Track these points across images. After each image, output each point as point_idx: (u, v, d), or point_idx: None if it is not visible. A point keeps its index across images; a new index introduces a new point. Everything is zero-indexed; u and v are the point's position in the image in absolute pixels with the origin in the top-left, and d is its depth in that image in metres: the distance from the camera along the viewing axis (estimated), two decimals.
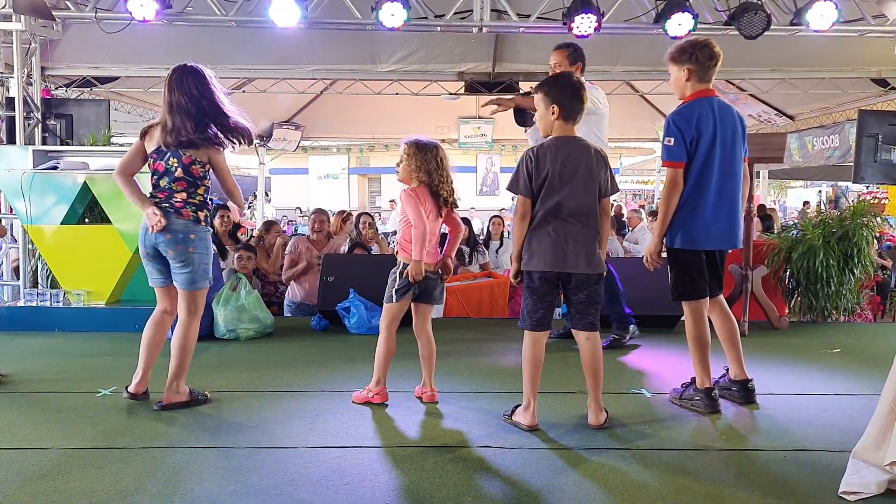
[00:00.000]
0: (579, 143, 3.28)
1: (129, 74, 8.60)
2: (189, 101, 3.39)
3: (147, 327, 3.63)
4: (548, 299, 3.28)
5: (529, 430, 3.26)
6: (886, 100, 9.13)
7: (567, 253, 3.19)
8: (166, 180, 3.47)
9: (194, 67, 3.48)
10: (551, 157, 3.20)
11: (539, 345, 3.29)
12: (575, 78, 3.35)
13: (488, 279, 6.77)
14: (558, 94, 3.25)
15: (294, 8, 5.85)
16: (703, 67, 3.46)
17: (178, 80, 3.42)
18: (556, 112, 3.24)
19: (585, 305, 3.27)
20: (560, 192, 3.18)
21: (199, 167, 3.47)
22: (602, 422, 3.31)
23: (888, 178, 7.08)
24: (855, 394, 3.90)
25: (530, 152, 3.27)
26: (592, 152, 3.26)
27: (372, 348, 3.73)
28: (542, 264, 3.21)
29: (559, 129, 3.27)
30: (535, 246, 3.24)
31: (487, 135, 15.27)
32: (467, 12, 6.27)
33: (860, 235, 5.95)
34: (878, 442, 2.40)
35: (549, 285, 3.27)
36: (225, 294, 5.21)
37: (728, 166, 3.47)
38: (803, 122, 11.57)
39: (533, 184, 3.23)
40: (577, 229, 3.20)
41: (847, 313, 6.21)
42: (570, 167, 3.20)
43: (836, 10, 5.93)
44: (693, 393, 3.62)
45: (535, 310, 3.27)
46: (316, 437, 3.20)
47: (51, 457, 2.95)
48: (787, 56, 8.10)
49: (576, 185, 3.19)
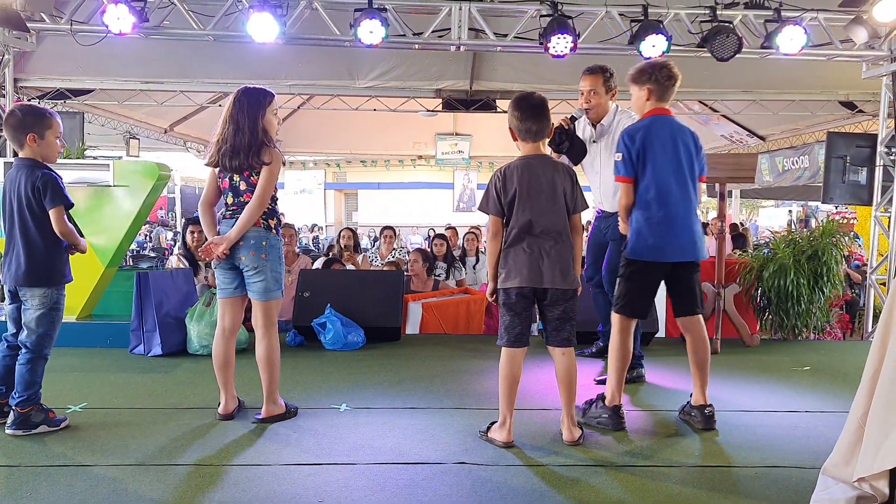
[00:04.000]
0: (545, 160, 3.33)
1: (103, 87, 8.53)
2: (241, 126, 3.45)
3: (214, 348, 3.65)
4: (525, 315, 3.30)
5: (505, 447, 3.26)
6: (854, 122, 9.33)
7: (542, 269, 3.21)
8: (232, 196, 3.53)
9: (247, 90, 3.53)
10: (518, 176, 3.25)
11: (516, 362, 3.30)
12: (534, 97, 3.34)
13: (464, 295, 6.78)
14: (510, 116, 3.33)
15: (272, 23, 5.86)
16: (662, 87, 3.57)
17: (232, 102, 3.50)
18: (511, 134, 3.35)
19: (560, 322, 3.29)
20: (529, 210, 3.23)
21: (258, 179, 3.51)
22: (576, 438, 3.32)
23: (856, 199, 7.22)
24: (825, 411, 3.96)
25: (498, 172, 3.32)
26: (560, 169, 3.32)
27: (347, 364, 3.72)
28: (519, 280, 3.24)
29: (522, 148, 3.34)
30: (511, 263, 3.26)
31: (464, 151, 15.35)
32: (445, 31, 6.32)
33: (829, 254, 6.06)
34: (847, 458, 2.43)
35: (526, 301, 3.28)
36: (199, 309, 5.16)
37: (680, 182, 3.54)
38: (774, 143, 11.79)
39: (502, 202, 3.27)
40: (550, 245, 3.23)
41: (817, 331, 6.31)
42: (536, 184, 3.24)
43: (805, 34, 6.08)
44: (601, 410, 3.62)
45: (513, 325, 3.29)
46: (290, 453, 3.18)
47: (19, 474, 2.89)
48: (758, 78, 8.26)
49: (543, 202, 3.24)
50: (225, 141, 3.48)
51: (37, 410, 3.39)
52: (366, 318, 5.59)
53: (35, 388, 3.38)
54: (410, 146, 15.82)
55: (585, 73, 4.33)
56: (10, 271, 3.40)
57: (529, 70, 8.37)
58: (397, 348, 5.46)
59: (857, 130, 8.89)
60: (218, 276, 3.62)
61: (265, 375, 3.58)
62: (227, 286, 3.60)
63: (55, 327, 3.44)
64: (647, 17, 6.10)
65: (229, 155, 3.46)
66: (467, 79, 8.73)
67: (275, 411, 3.62)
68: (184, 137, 12.13)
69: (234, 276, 3.57)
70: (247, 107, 3.47)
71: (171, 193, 20.11)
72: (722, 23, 6.11)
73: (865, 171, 6.99)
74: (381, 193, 18.93)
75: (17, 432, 3.33)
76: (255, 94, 3.52)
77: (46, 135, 3.43)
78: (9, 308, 3.50)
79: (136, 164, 5.87)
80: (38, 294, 3.37)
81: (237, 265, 3.52)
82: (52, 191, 3.33)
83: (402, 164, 17.62)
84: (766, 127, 11.24)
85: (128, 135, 10.75)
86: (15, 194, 3.39)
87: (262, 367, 3.58)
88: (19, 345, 3.42)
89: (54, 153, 3.52)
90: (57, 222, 3.36)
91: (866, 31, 6.08)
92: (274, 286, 3.55)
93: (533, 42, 6.28)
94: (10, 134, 3.43)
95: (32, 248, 3.37)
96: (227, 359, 3.63)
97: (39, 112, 3.45)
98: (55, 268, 3.43)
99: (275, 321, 3.62)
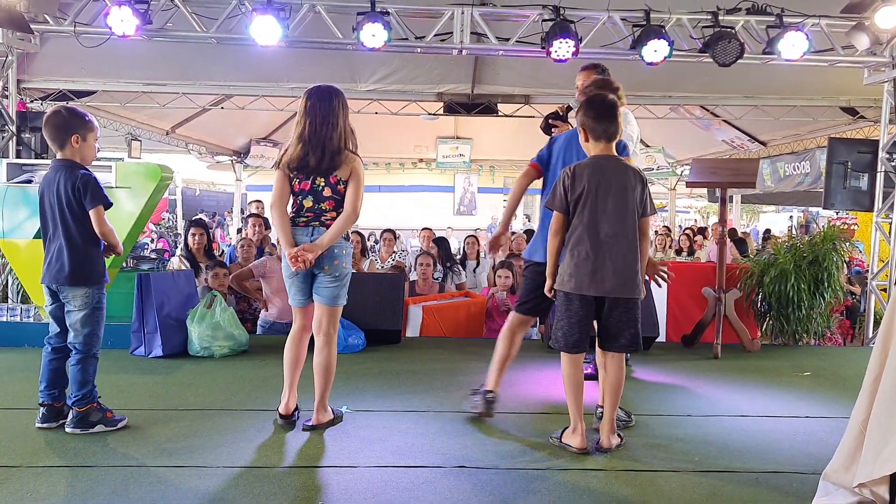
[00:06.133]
0: (616, 161, 3.28)
1: (106, 88, 8.53)
2: (324, 125, 3.38)
3: (287, 347, 3.61)
4: (585, 323, 3.23)
5: (580, 453, 3.23)
6: (855, 128, 9.32)
7: (605, 276, 3.14)
8: (312, 200, 3.44)
9: (328, 90, 3.47)
10: (588, 174, 3.20)
11: (578, 366, 3.27)
12: (607, 98, 3.33)
13: (465, 299, 6.78)
14: (584, 116, 3.28)
15: (275, 26, 5.86)
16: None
17: (312, 103, 3.42)
18: (582, 134, 3.29)
19: (620, 328, 3.22)
20: (597, 210, 3.17)
21: (343, 186, 3.44)
22: (613, 445, 3.29)
23: (857, 205, 7.21)
24: (825, 416, 3.96)
25: (568, 169, 3.26)
26: (629, 171, 3.25)
27: (347, 366, 3.72)
28: (581, 287, 3.17)
29: (593, 148, 3.28)
30: (574, 266, 3.19)
31: (465, 155, 15.33)
32: (447, 34, 6.33)
33: (830, 260, 6.07)
34: (848, 464, 2.43)
35: (587, 308, 3.22)
36: (199, 311, 5.16)
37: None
38: (775, 149, 11.78)
39: (568, 199, 3.22)
40: (616, 249, 3.16)
41: (817, 337, 6.31)
42: (605, 185, 3.19)
43: (806, 40, 6.08)
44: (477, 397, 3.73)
45: (571, 332, 3.23)
46: (291, 456, 3.18)
47: (20, 475, 2.90)
48: (759, 84, 8.26)
49: (611, 203, 3.17)
50: (310, 140, 3.38)
51: (95, 410, 3.45)
52: (366, 321, 5.60)
53: (88, 386, 3.43)
54: (411, 149, 15.80)
55: (581, 69, 4.62)
56: (51, 272, 3.43)
57: (531, 74, 8.37)
58: (398, 351, 5.46)
59: (858, 136, 8.88)
60: (293, 285, 3.51)
61: (321, 382, 3.54)
62: (303, 295, 3.53)
63: (100, 326, 3.49)
64: (650, 23, 6.10)
65: (318, 156, 3.37)
66: (469, 82, 8.73)
67: (325, 419, 3.59)
68: (186, 139, 12.13)
69: (309, 285, 3.51)
70: (337, 105, 3.42)
71: (172, 195, 20.13)
72: (724, 28, 6.12)
73: (867, 177, 6.98)
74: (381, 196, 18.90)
75: (76, 430, 3.40)
76: (333, 94, 3.45)
77: (88, 137, 3.50)
78: (51, 308, 3.53)
79: (139, 166, 5.88)
80: (79, 294, 3.41)
81: (315, 272, 3.46)
82: (92, 191, 3.39)
83: (403, 167, 17.60)
84: (768, 132, 11.23)
85: (130, 136, 10.73)
86: (55, 195, 3.41)
87: (319, 374, 3.53)
88: (63, 347, 3.48)
89: (92, 156, 3.57)
90: (98, 222, 3.41)
91: (868, 38, 6.08)
92: (344, 293, 3.53)
93: (535, 46, 6.28)
94: (52, 133, 3.45)
95: (74, 248, 3.41)
96: (298, 357, 3.60)
97: (82, 115, 3.50)
98: (95, 268, 3.47)
99: (337, 328, 3.59)
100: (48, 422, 3.47)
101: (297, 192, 3.47)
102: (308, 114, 3.40)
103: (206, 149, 13.23)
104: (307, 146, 3.38)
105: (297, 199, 3.48)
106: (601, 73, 4.62)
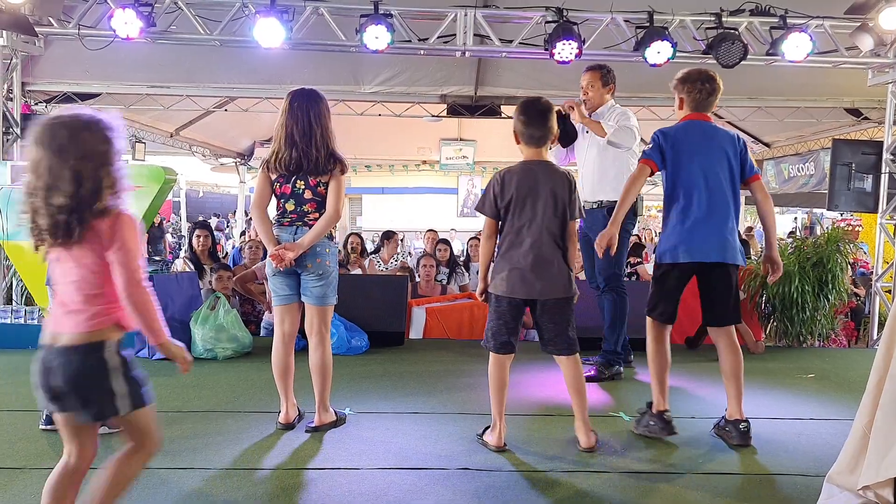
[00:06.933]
0: (546, 166, 3.32)
1: (110, 91, 8.56)
2: (310, 127, 3.42)
3: (274, 358, 3.58)
4: (513, 325, 3.30)
5: (497, 451, 3.27)
6: (859, 129, 9.30)
7: (536, 279, 3.20)
8: (293, 203, 3.47)
9: (312, 93, 3.51)
10: (517, 181, 3.25)
11: (503, 367, 3.30)
12: (540, 102, 3.34)
13: (468, 300, 6.77)
14: (515, 120, 3.33)
15: (279, 29, 5.87)
16: (693, 98, 3.53)
17: (297, 105, 3.46)
18: (514, 137, 3.35)
19: (557, 330, 3.27)
20: (526, 215, 3.22)
21: (324, 188, 3.47)
22: (594, 443, 3.31)
23: (861, 206, 7.19)
24: (829, 418, 3.95)
25: (497, 175, 3.32)
26: (559, 176, 3.29)
27: (350, 368, 3.72)
28: (511, 290, 3.23)
29: (524, 153, 3.33)
30: (504, 269, 3.25)
31: (469, 156, 15.34)
32: (451, 36, 6.33)
33: (834, 262, 6.05)
34: (852, 466, 2.42)
35: (516, 311, 3.29)
36: (203, 313, 5.17)
37: (714, 183, 3.43)
38: (779, 150, 11.76)
39: (498, 205, 3.27)
40: (545, 252, 3.21)
41: (822, 339, 6.30)
42: (534, 190, 3.23)
43: (810, 41, 6.07)
44: (648, 418, 3.57)
45: (500, 333, 3.29)
46: (294, 458, 3.18)
47: (24, 477, 2.90)
48: (763, 85, 8.25)
49: (540, 208, 3.22)
50: (291, 144, 3.42)
51: None
52: (369, 323, 5.60)
53: None
54: (415, 151, 15.81)
55: (586, 70, 4.88)
56: None
57: (534, 76, 8.37)
58: (401, 353, 5.46)
59: (862, 137, 8.87)
60: (276, 283, 3.53)
61: (319, 383, 3.55)
62: (285, 292, 3.54)
63: None
64: (653, 24, 6.10)
65: (298, 160, 3.40)
66: (472, 84, 8.74)
67: (327, 419, 3.60)
68: (189, 142, 12.14)
69: (292, 282, 3.53)
70: (317, 109, 3.45)
71: (176, 197, 20.17)
72: (727, 29, 6.11)
73: (871, 179, 6.97)
74: (385, 198, 18.92)
75: None
76: (319, 97, 3.50)
77: None
78: None
79: (142, 168, 5.89)
80: None
81: (298, 272, 3.48)
82: None
83: (407, 169, 17.63)
84: (772, 134, 11.22)
85: (134, 139, 10.76)
86: None
87: (316, 374, 3.54)
88: None
89: None
90: None
91: (872, 39, 6.07)
92: (331, 292, 3.54)
93: (538, 48, 6.29)
94: None
95: None
96: (287, 365, 3.58)
97: None
98: None
99: (329, 327, 3.60)
100: (52, 424, 3.48)
101: (279, 196, 3.51)
102: (289, 121, 3.45)
103: (210, 151, 13.24)
104: (292, 148, 3.42)
105: (280, 203, 3.52)
106: (606, 73, 4.81)
